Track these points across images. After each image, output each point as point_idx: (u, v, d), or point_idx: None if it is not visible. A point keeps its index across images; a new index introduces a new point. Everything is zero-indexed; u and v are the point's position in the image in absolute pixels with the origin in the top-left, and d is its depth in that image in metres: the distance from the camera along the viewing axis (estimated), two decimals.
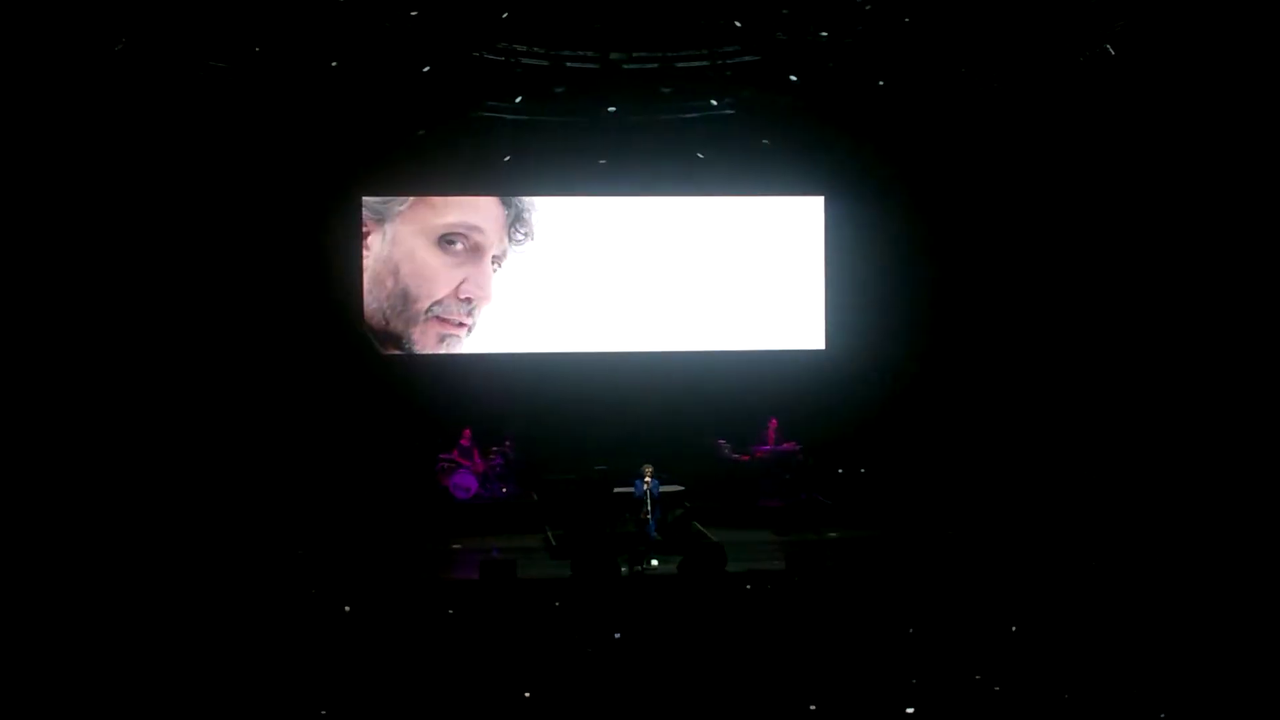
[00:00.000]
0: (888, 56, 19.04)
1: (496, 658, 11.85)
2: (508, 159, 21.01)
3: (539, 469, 20.57)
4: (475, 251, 20.83)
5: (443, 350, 20.91)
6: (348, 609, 13.64)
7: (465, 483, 20.15)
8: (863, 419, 21.25)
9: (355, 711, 10.26)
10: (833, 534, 19.19)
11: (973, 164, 21.14)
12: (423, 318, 20.62)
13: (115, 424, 19.16)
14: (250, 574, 15.26)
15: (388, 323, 20.62)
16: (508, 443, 20.65)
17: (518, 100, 19.97)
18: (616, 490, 18.36)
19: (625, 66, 19.83)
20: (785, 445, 20.66)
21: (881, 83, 19.66)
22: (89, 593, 14.25)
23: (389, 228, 20.76)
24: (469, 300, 20.14)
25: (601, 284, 21.69)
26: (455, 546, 18.51)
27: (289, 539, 18.13)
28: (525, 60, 19.47)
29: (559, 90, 19.92)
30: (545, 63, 19.65)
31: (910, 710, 10.20)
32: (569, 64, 19.71)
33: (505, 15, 17.78)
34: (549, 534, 18.95)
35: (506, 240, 20.84)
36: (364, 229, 20.35)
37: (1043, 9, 17.19)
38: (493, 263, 20.78)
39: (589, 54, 19.64)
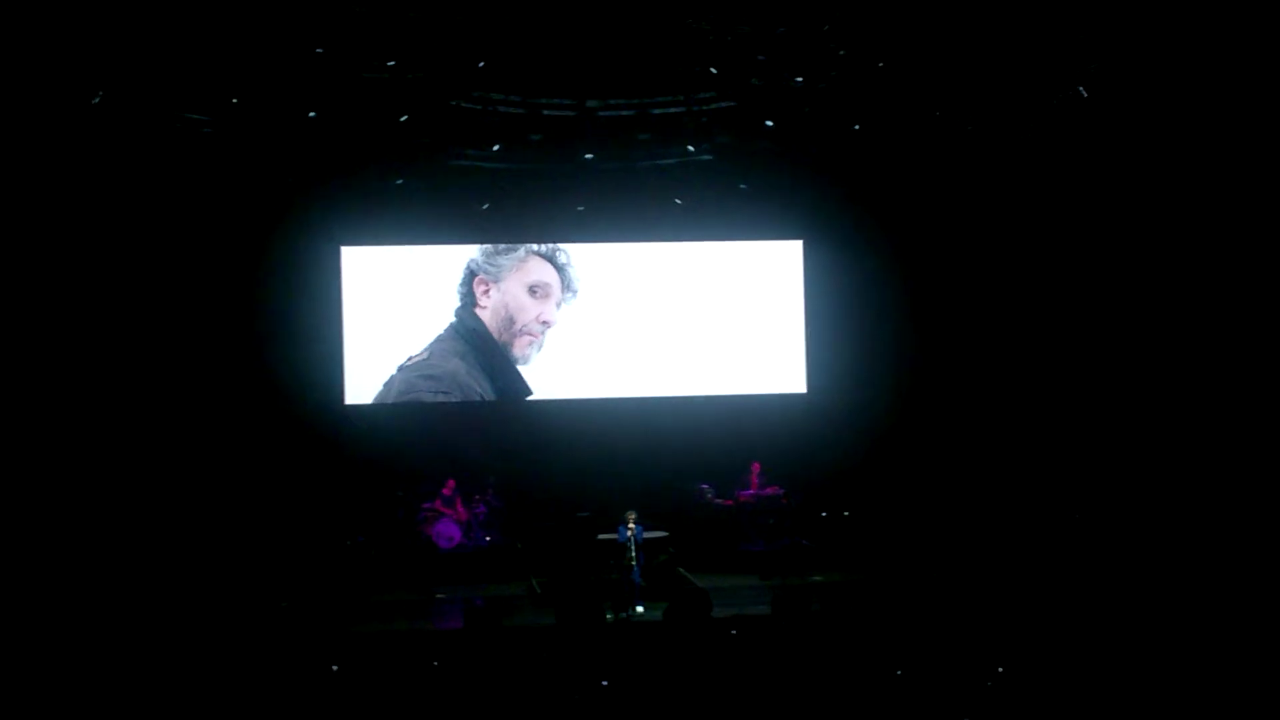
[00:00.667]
0: (862, 100, 19.18)
1: (482, 707, 11.76)
2: (486, 207, 21.06)
3: (522, 517, 20.50)
4: (548, 296, 21.89)
5: (530, 352, 21.87)
6: (335, 668, 13.56)
7: (448, 532, 20.06)
8: (845, 462, 21.25)
9: None
10: (817, 577, 19.14)
11: (949, 206, 21.28)
12: (519, 334, 21.92)
13: (102, 470, 19.04)
14: (234, 624, 15.12)
15: (500, 335, 21.91)
16: (490, 491, 20.58)
17: (495, 148, 20.03)
18: (600, 537, 18.33)
19: (601, 114, 19.93)
20: (768, 489, 20.65)
21: (857, 127, 19.79)
22: (72, 638, 14.13)
23: (501, 284, 21.81)
24: (545, 323, 21.88)
25: (581, 330, 21.71)
26: (439, 596, 18.42)
27: (272, 590, 18.08)
28: (502, 108, 19.55)
29: (536, 138, 19.99)
30: (522, 110, 19.73)
31: None
32: (545, 111, 19.80)
33: (481, 64, 17.87)
34: (533, 582, 18.89)
35: (561, 293, 22.11)
36: (485, 286, 21.64)
37: (1016, 52, 17.34)
38: (556, 304, 21.93)
39: (565, 101, 19.73)
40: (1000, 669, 12.69)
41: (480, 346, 21.63)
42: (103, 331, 19.47)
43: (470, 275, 21.95)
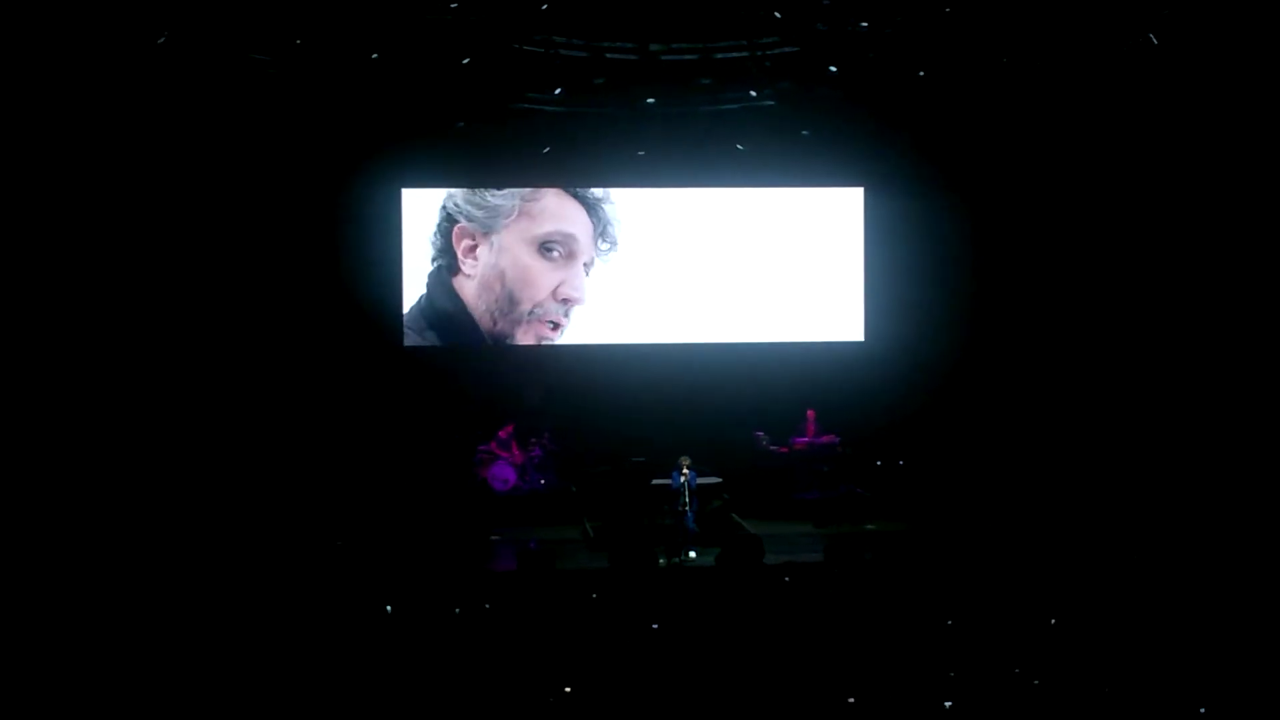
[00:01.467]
0: (928, 47, 18.96)
1: (535, 649, 11.88)
2: (547, 151, 21.02)
3: (577, 461, 20.61)
4: (571, 258, 21.04)
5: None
6: (389, 608, 13.73)
7: (504, 474, 20.20)
8: (902, 411, 21.15)
9: (392, 706, 10.29)
10: (871, 526, 19.14)
11: (1014, 155, 21.02)
12: (525, 319, 20.83)
13: (157, 414, 19.31)
14: (287, 567, 15.31)
15: (495, 324, 20.93)
16: (546, 435, 20.68)
17: (557, 92, 19.98)
18: (654, 482, 18.39)
19: (664, 58, 19.80)
20: (824, 437, 20.62)
21: (922, 73, 19.57)
22: (127, 587, 14.37)
23: (496, 238, 20.92)
24: (566, 301, 20.66)
25: (640, 276, 21.66)
26: (494, 538, 18.56)
27: (328, 531, 18.33)
28: (564, 52, 19.47)
29: (598, 82, 19.90)
30: (584, 54, 19.63)
31: (948, 704, 10.15)
32: (608, 55, 19.69)
33: (544, 6, 17.80)
34: (587, 526, 18.99)
35: (594, 249, 20.93)
36: (472, 242, 20.49)
37: None
38: (584, 268, 20.88)
39: (628, 45, 19.61)
40: (1052, 620, 12.68)
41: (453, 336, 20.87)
42: (165, 274, 19.67)
43: (447, 222, 20.99)
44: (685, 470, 17.50)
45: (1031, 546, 16.17)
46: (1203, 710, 10.11)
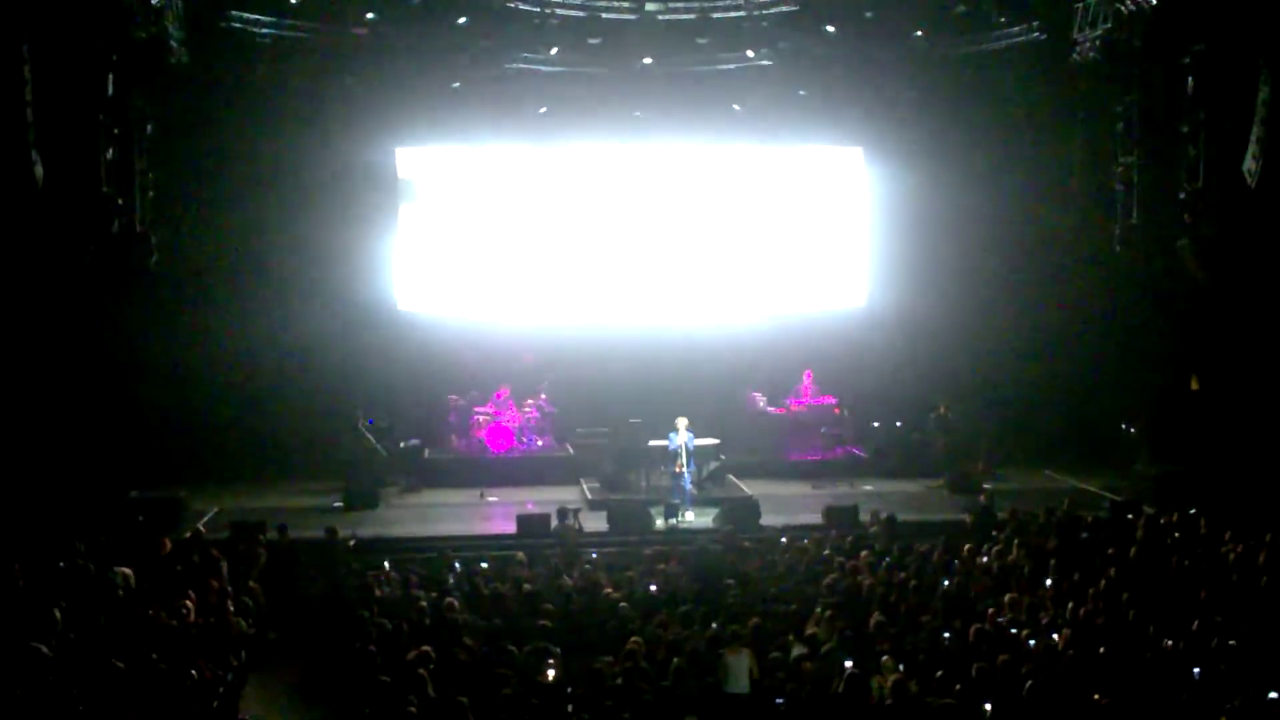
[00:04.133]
0: (925, 6, 18.88)
1: (530, 610, 11.91)
2: (543, 110, 20.92)
3: (574, 422, 20.59)
4: None
5: None
6: (386, 564, 13.76)
7: (501, 435, 20.20)
8: (900, 373, 21.13)
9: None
10: (868, 487, 19.15)
11: (1011, 115, 20.88)
12: None
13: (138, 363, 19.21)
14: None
15: None
16: (543, 395, 20.66)
17: (553, 51, 19.87)
18: (651, 443, 18.38)
19: (661, 17, 19.70)
20: (821, 398, 20.63)
21: (920, 33, 19.49)
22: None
23: None
24: None
25: (638, 236, 21.59)
26: (491, 499, 18.57)
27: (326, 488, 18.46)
28: (561, 11, 19.36)
29: (595, 42, 19.80)
30: (581, 14, 19.54)
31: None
32: (605, 14, 19.60)
33: None
34: (584, 487, 19.00)
35: None
36: None
37: None
38: None
39: (625, 5, 19.51)
40: (1050, 583, 12.73)
41: None
42: (160, 227, 19.48)
43: None
44: (682, 431, 17.49)
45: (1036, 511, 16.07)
46: None
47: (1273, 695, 9.38)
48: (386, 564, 13.89)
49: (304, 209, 20.40)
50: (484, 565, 13.69)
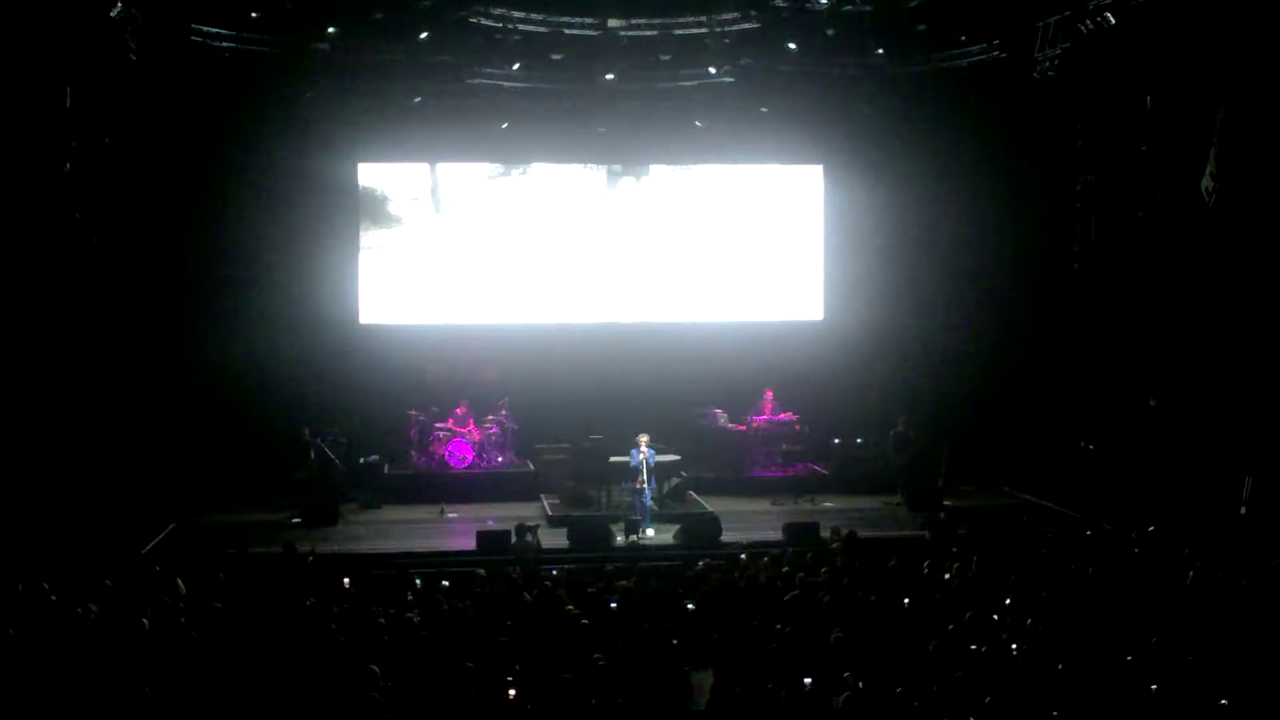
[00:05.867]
0: (886, 24, 18.95)
1: (494, 627, 11.84)
2: (505, 126, 20.92)
3: (535, 438, 20.55)
4: None
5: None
6: (346, 581, 13.66)
7: (461, 451, 20.13)
8: (860, 389, 21.19)
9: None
10: (829, 503, 19.19)
11: (971, 133, 21.03)
12: None
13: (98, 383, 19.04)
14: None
15: None
16: (504, 411, 20.60)
17: (515, 67, 19.86)
18: (612, 460, 18.36)
19: (624, 33, 19.71)
20: (781, 415, 20.66)
21: (880, 50, 19.57)
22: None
23: None
24: None
25: (598, 253, 21.64)
26: (451, 515, 18.51)
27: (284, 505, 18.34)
28: (523, 27, 19.34)
29: (557, 57, 19.80)
30: (543, 29, 19.51)
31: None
32: (567, 30, 19.58)
33: None
34: (545, 503, 18.95)
35: None
36: None
37: None
38: None
39: (587, 21, 19.50)
40: (1009, 599, 12.75)
41: None
42: (119, 241, 19.32)
43: None
44: (644, 448, 17.48)
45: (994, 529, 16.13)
46: None
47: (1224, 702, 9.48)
48: (346, 580, 13.81)
49: (265, 222, 20.34)
50: (445, 583, 13.60)
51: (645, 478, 17.39)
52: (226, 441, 19.71)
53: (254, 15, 18.04)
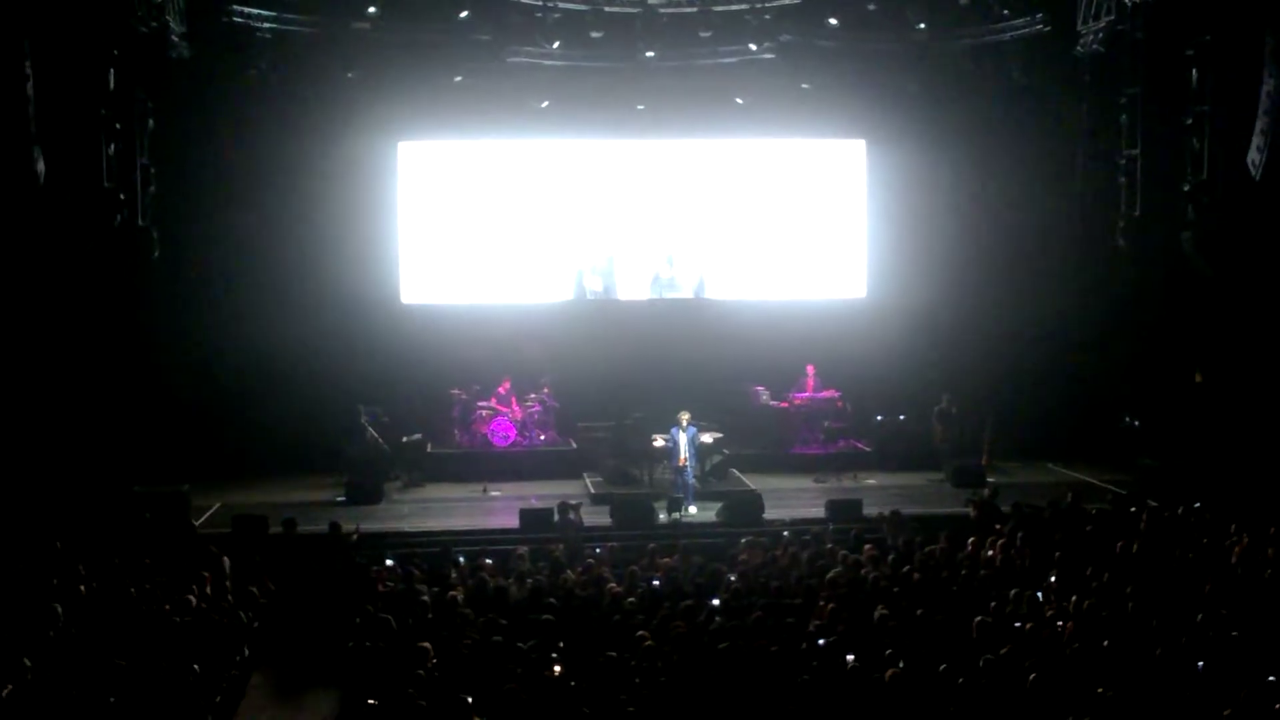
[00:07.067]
0: None
1: (533, 605, 11.88)
2: (545, 104, 20.90)
3: (577, 416, 20.57)
4: None
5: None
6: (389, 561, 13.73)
7: (504, 429, 20.17)
8: (903, 366, 21.09)
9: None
10: (870, 481, 19.15)
11: (1014, 107, 20.86)
12: None
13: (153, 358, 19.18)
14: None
15: None
16: (545, 389, 20.63)
17: (555, 45, 19.83)
18: (654, 437, 18.36)
19: (663, 11, 19.66)
20: (824, 392, 20.60)
21: (922, 25, 19.44)
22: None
23: None
24: None
25: (641, 230, 21.57)
26: (494, 493, 18.58)
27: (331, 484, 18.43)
28: (563, 5, 19.32)
29: (597, 35, 19.75)
30: (583, 8, 19.50)
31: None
32: (607, 9, 19.56)
33: None
34: (587, 481, 18.99)
35: None
36: None
37: None
38: None
39: None
40: (1054, 576, 12.71)
41: None
42: (172, 220, 19.43)
43: None
44: (685, 425, 17.46)
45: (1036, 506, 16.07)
46: None
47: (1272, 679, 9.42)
48: (389, 559, 13.90)
49: (306, 203, 20.37)
50: (487, 560, 13.65)
51: (687, 455, 17.36)
52: (271, 420, 19.77)
53: None
